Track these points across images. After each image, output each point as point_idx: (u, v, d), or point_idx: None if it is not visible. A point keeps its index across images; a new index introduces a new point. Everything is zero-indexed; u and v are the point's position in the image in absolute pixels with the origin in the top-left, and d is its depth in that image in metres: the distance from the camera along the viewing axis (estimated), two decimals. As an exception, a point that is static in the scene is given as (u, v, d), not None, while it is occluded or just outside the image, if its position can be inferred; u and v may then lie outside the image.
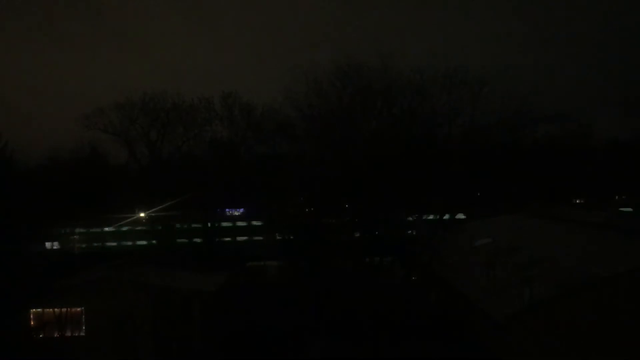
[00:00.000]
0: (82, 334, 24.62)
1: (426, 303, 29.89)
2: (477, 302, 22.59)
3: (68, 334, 24.43)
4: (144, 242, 54.21)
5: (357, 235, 36.26)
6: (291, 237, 40.40)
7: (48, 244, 53.16)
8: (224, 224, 59.09)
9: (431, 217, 39.68)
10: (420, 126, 41.47)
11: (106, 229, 56.51)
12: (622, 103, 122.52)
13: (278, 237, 44.69)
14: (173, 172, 52.53)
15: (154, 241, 52.80)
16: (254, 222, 59.64)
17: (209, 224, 53.09)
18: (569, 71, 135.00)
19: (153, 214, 51.94)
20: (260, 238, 55.46)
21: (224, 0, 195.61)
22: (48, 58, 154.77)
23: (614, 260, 20.40)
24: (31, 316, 24.84)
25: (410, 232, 38.29)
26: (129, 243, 55.99)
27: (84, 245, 52.23)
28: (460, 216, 45.00)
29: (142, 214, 53.09)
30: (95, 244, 53.27)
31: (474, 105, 44.14)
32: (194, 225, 55.38)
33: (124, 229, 56.15)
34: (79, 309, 24.68)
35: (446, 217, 42.87)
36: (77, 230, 53.48)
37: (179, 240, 52.94)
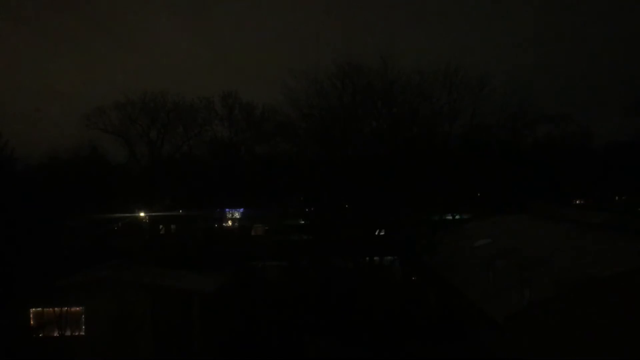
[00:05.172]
0: (82, 333, 24.59)
1: (426, 303, 29.88)
2: (477, 302, 22.57)
3: (68, 333, 24.40)
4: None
5: (357, 235, 36.17)
6: (291, 237, 40.44)
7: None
8: (225, 224, 58.95)
9: (431, 217, 39.73)
10: (420, 126, 41.53)
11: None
12: (623, 103, 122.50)
13: (278, 237, 44.72)
14: (173, 172, 52.57)
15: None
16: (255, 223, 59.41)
17: (209, 224, 53.08)
18: (570, 72, 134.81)
19: (153, 214, 51.95)
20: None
21: (224, 0, 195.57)
22: (48, 58, 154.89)
23: (614, 260, 20.39)
24: (31, 315, 24.85)
25: (410, 232, 38.22)
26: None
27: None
28: (461, 216, 45.06)
29: (142, 214, 53.12)
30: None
31: (474, 106, 44.41)
32: (193, 225, 55.16)
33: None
34: (79, 309, 24.65)
35: (446, 217, 42.94)
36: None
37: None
